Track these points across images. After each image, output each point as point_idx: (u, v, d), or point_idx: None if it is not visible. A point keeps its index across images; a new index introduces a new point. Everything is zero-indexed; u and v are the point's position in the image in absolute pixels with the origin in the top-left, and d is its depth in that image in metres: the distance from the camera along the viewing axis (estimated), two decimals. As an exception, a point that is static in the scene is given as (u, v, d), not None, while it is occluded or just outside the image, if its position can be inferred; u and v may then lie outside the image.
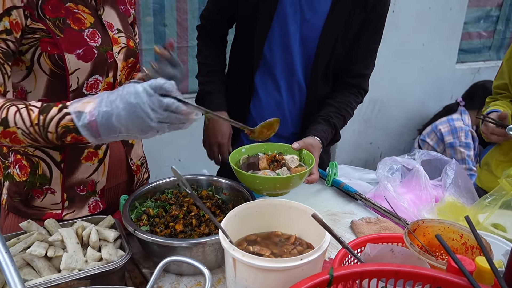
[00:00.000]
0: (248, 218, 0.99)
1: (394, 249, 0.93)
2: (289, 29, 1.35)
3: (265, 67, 1.44)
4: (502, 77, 1.69)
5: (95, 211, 1.22)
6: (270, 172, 1.19)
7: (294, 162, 1.24)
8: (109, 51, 1.12)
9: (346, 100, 1.48)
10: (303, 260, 0.80)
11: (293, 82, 1.44)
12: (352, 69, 1.47)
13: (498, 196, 1.29)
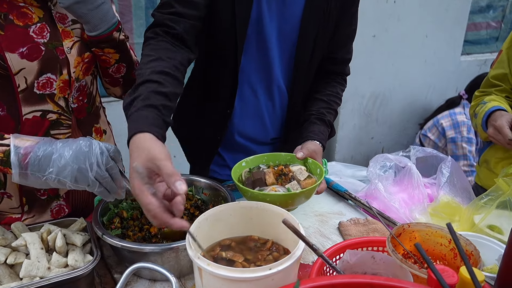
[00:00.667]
0: (222, 222, 0.93)
1: (375, 256, 0.86)
2: (264, 22, 1.24)
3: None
4: (501, 66, 1.59)
5: (59, 216, 1.17)
6: (280, 188, 1.11)
7: (302, 173, 1.15)
8: (59, 46, 1.04)
9: (334, 92, 1.40)
10: (272, 269, 0.74)
11: (271, 83, 1.34)
12: (335, 57, 1.38)
13: (494, 196, 1.21)
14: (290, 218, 0.88)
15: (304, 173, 1.15)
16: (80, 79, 1.13)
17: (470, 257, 0.87)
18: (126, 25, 2.43)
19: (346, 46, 1.40)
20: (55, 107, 1.08)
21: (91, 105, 1.20)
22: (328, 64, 1.38)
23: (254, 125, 1.43)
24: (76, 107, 1.14)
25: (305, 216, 1.31)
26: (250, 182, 1.14)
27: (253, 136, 1.46)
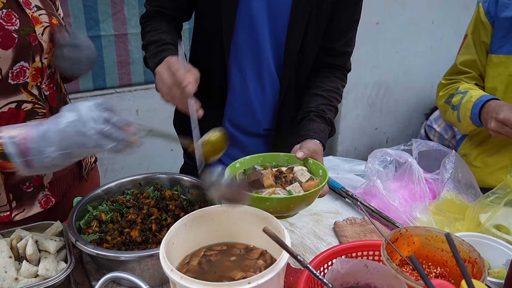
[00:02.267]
0: (203, 227, 0.87)
1: (368, 264, 0.79)
2: (253, 6, 1.17)
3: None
4: (469, 51, 1.47)
5: (48, 206, 1.14)
6: (280, 190, 1.00)
7: (304, 175, 1.04)
8: (32, 33, 1.00)
9: (334, 87, 1.30)
10: (251, 283, 0.67)
11: (262, 69, 1.26)
12: (333, 48, 1.29)
13: (502, 194, 1.13)
14: (274, 224, 0.81)
15: (306, 174, 1.04)
16: (51, 66, 1.10)
17: (474, 265, 0.79)
18: (119, 15, 2.35)
19: (346, 37, 1.30)
20: (29, 96, 1.05)
21: (60, 92, 1.18)
22: (325, 56, 1.29)
23: (245, 114, 1.35)
24: (49, 94, 1.11)
25: (300, 216, 1.24)
26: (246, 185, 1.02)
27: (244, 126, 1.38)
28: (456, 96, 1.45)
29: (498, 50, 1.38)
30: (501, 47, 1.37)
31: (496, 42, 1.38)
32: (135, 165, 2.66)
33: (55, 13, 1.13)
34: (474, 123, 1.37)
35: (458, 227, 1.23)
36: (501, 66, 1.38)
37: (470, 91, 1.41)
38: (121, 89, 2.52)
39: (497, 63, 1.38)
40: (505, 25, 1.36)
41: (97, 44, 2.34)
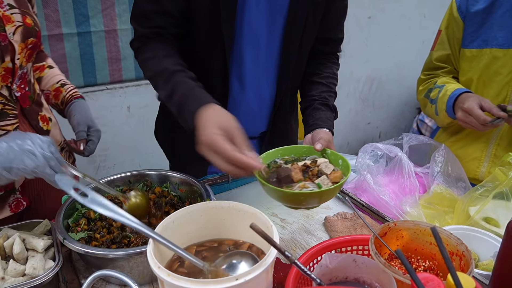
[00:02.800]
0: (191, 224, 0.86)
1: (357, 259, 0.79)
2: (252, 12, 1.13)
3: None
4: (443, 47, 1.49)
5: (19, 210, 1.12)
6: (309, 184, 0.99)
7: (328, 167, 1.03)
8: (1, 32, 0.98)
9: (331, 73, 1.32)
10: (239, 280, 0.67)
11: (261, 75, 1.24)
12: (327, 37, 1.30)
13: (490, 187, 1.13)
14: (263, 220, 0.80)
15: (330, 166, 1.03)
16: (23, 66, 1.08)
17: (461, 258, 0.80)
18: (109, 10, 2.32)
19: (339, 25, 1.32)
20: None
21: (33, 93, 1.16)
22: (321, 45, 1.30)
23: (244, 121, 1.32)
24: (20, 95, 1.09)
25: (290, 211, 1.24)
26: (275, 180, 1.00)
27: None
28: (434, 90, 1.49)
29: (470, 44, 1.40)
30: (472, 41, 1.40)
31: (468, 37, 1.41)
32: (127, 161, 2.64)
33: (30, 12, 1.10)
34: (449, 115, 1.42)
35: (448, 221, 1.23)
36: (473, 60, 1.40)
37: (447, 85, 1.43)
38: (112, 85, 2.50)
39: (470, 57, 1.41)
40: (476, 19, 1.38)
41: (87, 40, 2.32)
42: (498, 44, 1.34)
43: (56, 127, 1.28)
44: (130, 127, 2.61)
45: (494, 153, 1.41)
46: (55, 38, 2.22)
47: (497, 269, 0.78)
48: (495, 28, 1.35)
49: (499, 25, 1.34)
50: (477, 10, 1.37)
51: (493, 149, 1.41)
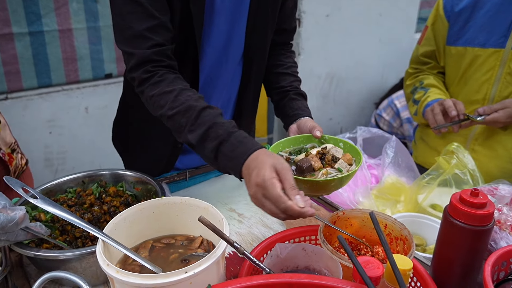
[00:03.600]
0: (144, 221, 0.86)
1: (306, 248, 0.82)
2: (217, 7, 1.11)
3: None
4: (429, 43, 1.58)
5: None
6: (331, 170, 1.00)
7: (338, 151, 1.05)
8: None
9: (292, 62, 1.36)
10: (188, 272, 0.68)
11: (223, 73, 1.24)
12: (284, 28, 1.32)
13: (435, 175, 1.20)
14: (214, 213, 0.82)
15: (338, 149, 1.06)
16: None
17: (404, 242, 0.84)
18: (62, 9, 2.26)
19: (292, 15, 1.35)
20: None
21: None
22: (278, 36, 1.32)
23: None
24: None
25: (248, 206, 1.26)
26: (298, 172, 1.00)
27: None
28: (419, 92, 1.58)
29: (455, 42, 1.48)
30: (458, 39, 1.47)
31: (453, 35, 1.48)
32: (87, 163, 2.58)
33: None
34: (423, 117, 1.54)
35: (399, 209, 1.29)
36: (458, 57, 1.48)
37: (430, 90, 1.53)
38: (68, 86, 2.43)
39: (455, 54, 1.49)
40: (461, 18, 1.45)
41: (40, 40, 2.24)
42: (479, 43, 1.42)
43: (6, 129, 1.24)
44: (88, 129, 2.54)
45: (472, 148, 1.49)
46: (5, 38, 2.14)
47: (437, 250, 0.82)
48: (477, 28, 1.42)
49: (480, 25, 1.42)
50: (461, 8, 1.44)
51: (471, 144, 1.49)
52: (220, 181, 1.39)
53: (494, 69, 1.40)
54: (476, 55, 1.43)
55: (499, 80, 1.40)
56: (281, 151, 1.10)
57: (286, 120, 1.23)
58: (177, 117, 0.95)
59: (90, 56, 2.45)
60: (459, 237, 0.77)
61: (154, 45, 0.99)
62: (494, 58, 1.39)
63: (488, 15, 1.40)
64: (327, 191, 0.99)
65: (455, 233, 0.77)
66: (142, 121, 1.33)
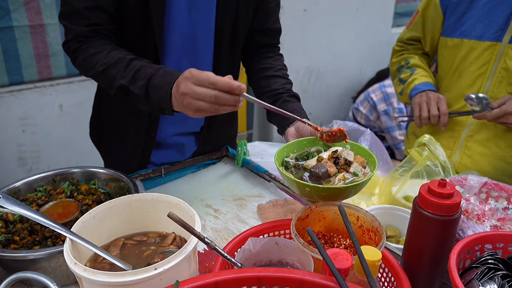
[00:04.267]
0: (115, 219, 0.85)
1: (279, 242, 0.82)
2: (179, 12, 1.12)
3: None
4: (416, 29, 1.60)
5: None
6: (347, 174, 0.96)
7: (349, 154, 1.01)
8: None
9: (281, 65, 1.34)
10: (158, 269, 0.67)
11: (193, 60, 1.23)
12: (267, 28, 1.31)
13: (408, 167, 1.21)
14: (186, 209, 0.81)
15: (350, 152, 1.01)
16: None
17: (376, 233, 0.85)
18: (32, 4, 2.20)
19: (275, 14, 1.33)
20: None
21: None
22: (262, 37, 1.31)
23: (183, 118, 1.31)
24: None
25: (224, 202, 1.25)
26: (313, 179, 0.96)
27: (181, 129, 1.36)
28: (406, 72, 1.59)
29: (452, 34, 1.47)
30: (454, 30, 1.46)
31: (450, 26, 1.47)
32: (62, 162, 2.53)
33: None
34: (410, 99, 1.56)
35: (373, 201, 1.30)
36: (454, 49, 1.47)
37: (417, 72, 1.55)
38: (41, 83, 2.37)
39: (451, 46, 1.48)
40: (458, 9, 1.44)
41: (10, 35, 2.18)
42: (476, 36, 1.40)
43: None
44: (64, 127, 2.49)
45: (465, 145, 1.48)
46: (-29, 34, 2.07)
47: (407, 240, 0.84)
48: (475, 19, 1.40)
49: (478, 17, 1.39)
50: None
51: (464, 141, 1.48)
52: (196, 177, 1.38)
53: (490, 63, 1.38)
54: (472, 47, 1.41)
55: (493, 75, 1.38)
56: (287, 157, 1.04)
57: (281, 123, 1.18)
58: (109, 70, 1.02)
59: (63, 52, 2.40)
60: (428, 227, 0.78)
61: (91, 24, 1.07)
62: (490, 51, 1.37)
63: (487, 7, 1.37)
64: (345, 197, 0.94)
65: (424, 223, 0.78)
66: (115, 112, 1.32)
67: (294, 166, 1.01)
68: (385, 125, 3.03)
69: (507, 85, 1.36)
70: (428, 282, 0.83)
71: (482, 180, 1.02)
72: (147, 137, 1.29)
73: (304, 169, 0.99)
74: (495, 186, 1.02)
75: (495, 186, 1.02)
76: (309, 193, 0.91)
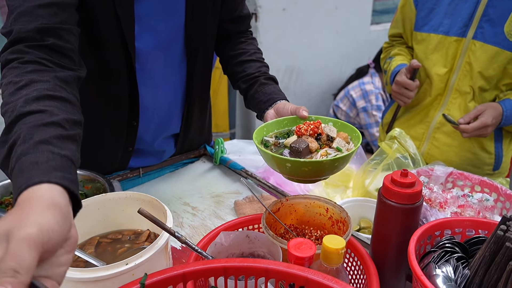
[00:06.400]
0: (89, 218, 0.86)
1: (249, 235, 0.85)
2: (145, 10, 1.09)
3: None
4: (396, 26, 1.66)
5: None
6: (330, 150, 0.92)
7: (332, 129, 0.96)
8: None
9: (255, 49, 1.32)
10: (129, 264, 0.69)
11: (167, 70, 1.21)
12: (238, 15, 1.30)
13: (379, 160, 1.25)
14: (158, 206, 0.83)
15: (332, 128, 0.97)
16: None
17: (344, 223, 0.88)
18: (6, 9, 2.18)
19: (243, 2, 1.32)
20: None
21: None
22: (232, 25, 1.30)
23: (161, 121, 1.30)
24: None
25: (202, 199, 1.28)
26: (295, 155, 0.90)
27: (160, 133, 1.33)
28: (387, 62, 1.66)
29: (421, 28, 1.52)
30: (424, 25, 1.51)
31: (420, 21, 1.53)
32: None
33: None
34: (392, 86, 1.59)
35: (348, 194, 1.34)
36: (423, 43, 1.52)
37: (395, 59, 1.61)
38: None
39: (421, 40, 1.54)
40: (427, 4, 1.50)
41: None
42: (443, 31, 1.46)
43: None
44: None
45: (433, 136, 1.54)
46: None
47: (374, 229, 0.87)
48: (442, 15, 1.46)
49: (445, 13, 1.45)
50: None
51: (432, 132, 1.54)
52: (175, 176, 1.40)
53: (456, 57, 1.44)
54: (439, 41, 1.47)
55: (459, 69, 1.44)
56: (266, 135, 0.99)
57: (259, 106, 1.14)
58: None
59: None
60: (392, 215, 0.81)
61: (42, 23, 0.81)
62: (455, 46, 1.43)
63: (454, 4, 1.43)
64: (330, 173, 0.89)
65: (388, 212, 0.82)
66: (92, 122, 1.30)
67: (274, 144, 0.97)
68: (363, 121, 3.08)
69: (470, 79, 1.41)
70: (395, 269, 0.86)
71: (448, 170, 1.07)
72: (124, 150, 1.27)
73: (284, 147, 0.94)
74: (460, 176, 1.07)
75: (460, 176, 1.07)
76: (290, 170, 0.85)
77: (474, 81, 1.41)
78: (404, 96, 1.51)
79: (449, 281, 0.64)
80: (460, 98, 1.46)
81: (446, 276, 0.65)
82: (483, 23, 1.37)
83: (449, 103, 1.48)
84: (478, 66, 1.39)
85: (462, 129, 1.36)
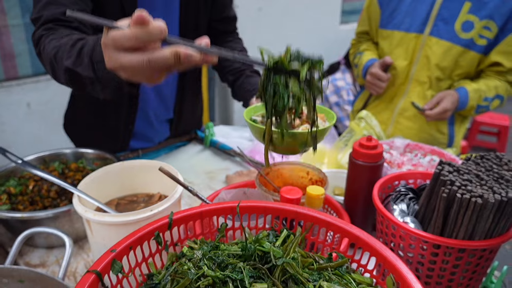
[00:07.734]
0: (108, 183, 1.02)
1: (246, 191, 1.02)
2: None
3: None
4: (363, 24, 1.87)
5: None
6: (307, 126, 0.99)
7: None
8: None
9: (242, 47, 1.48)
10: (153, 210, 0.85)
11: None
12: (227, 17, 1.45)
13: (348, 136, 1.46)
14: (170, 168, 1.00)
15: None
16: None
17: (322, 182, 1.07)
18: (-4, 6, 2.27)
19: (231, 3, 1.48)
20: None
21: None
22: (220, 24, 1.44)
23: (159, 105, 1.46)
24: None
25: (196, 175, 1.44)
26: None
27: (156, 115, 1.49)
28: (357, 56, 1.86)
29: (386, 26, 1.74)
30: (388, 23, 1.73)
31: (384, 19, 1.75)
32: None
33: None
34: (363, 78, 1.80)
35: (324, 169, 1.54)
36: (388, 38, 1.74)
37: (365, 54, 1.80)
38: (7, 82, 2.44)
39: (385, 36, 1.75)
40: (391, 4, 1.72)
41: (-25, 37, 2.25)
42: (405, 28, 1.67)
43: None
44: (32, 124, 2.57)
45: (397, 120, 1.77)
46: None
47: (346, 187, 1.07)
48: (403, 14, 1.68)
49: (406, 12, 1.67)
50: None
51: (396, 116, 1.77)
52: (171, 156, 1.56)
53: (415, 51, 1.66)
54: (401, 38, 1.69)
55: (417, 62, 1.66)
56: (253, 115, 1.11)
57: (245, 95, 1.29)
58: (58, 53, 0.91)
59: (29, 52, 2.48)
60: (360, 173, 1.01)
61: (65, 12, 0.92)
62: (415, 42, 1.65)
63: (413, 4, 1.65)
64: (310, 144, 0.96)
65: (357, 170, 1.02)
66: (93, 104, 1.44)
67: (261, 122, 1.07)
68: (337, 115, 3.31)
69: (427, 70, 1.64)
70: (364, 218, 1.07)
71: (405, 142, 1.28)
72: (124, 128, 1.42)
73: None
74: (416, 146, 1.29)
75: (416, 146, 1.29)
76: (275, 141, 0.96)
77: (431, 72, 1.64)
78: (376, 86, 1.73)
79: (403, 213, 0.85)
80: (419, 87, 1.69)
81: (401, 209, 0.85)
82: (438, 21, 1.60)
83: (410, 91, 1.71)
84: (434, 59, 1.62)
85: (427, 114, 1.60)
